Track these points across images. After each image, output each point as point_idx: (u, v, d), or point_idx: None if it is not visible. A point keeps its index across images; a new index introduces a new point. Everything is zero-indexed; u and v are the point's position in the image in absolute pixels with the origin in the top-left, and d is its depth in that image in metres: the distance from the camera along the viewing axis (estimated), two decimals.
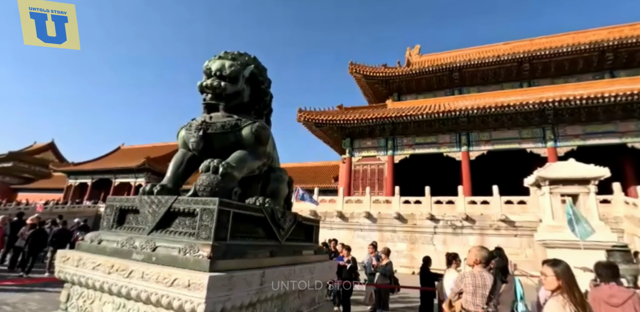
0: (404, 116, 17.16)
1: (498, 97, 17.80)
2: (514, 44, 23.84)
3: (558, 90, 17.09)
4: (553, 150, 16.02)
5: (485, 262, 2.87)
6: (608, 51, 18.33)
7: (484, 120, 17.01)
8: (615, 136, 15.59)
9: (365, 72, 20.92)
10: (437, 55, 25.53)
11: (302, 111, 18.87)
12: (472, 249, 3.03)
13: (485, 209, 14.11)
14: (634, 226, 11.75)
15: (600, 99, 14.51)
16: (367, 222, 15.25)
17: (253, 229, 2.05)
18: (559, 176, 5.76)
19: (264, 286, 1.81)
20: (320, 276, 2.68)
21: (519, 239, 12.81)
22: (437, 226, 14.23)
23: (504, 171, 17.75)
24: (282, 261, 2.13)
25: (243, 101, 2.44)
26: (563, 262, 2.25)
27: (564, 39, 20.86)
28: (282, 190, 2.53)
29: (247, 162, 2.17)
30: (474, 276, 2.77)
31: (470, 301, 2.70)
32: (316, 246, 2.93)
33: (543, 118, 16.32)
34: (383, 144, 19.06)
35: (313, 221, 2.96)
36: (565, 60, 19.21)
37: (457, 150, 17.58)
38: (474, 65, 20.14)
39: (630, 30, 19.95)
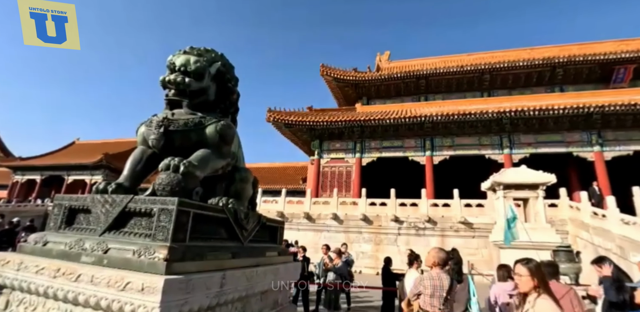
0: (373, 120, 17.56)
1: (461, 105, 18.70)
2: (476, 55, 25.22)
3: (514, 101, 18.28)
4: (509, 157, 17.08)
5: (442, 264, 2.99)
6: (558, 67, 19.92)
7: (447, 126, 17.81)
8: (563, 146, 16.92)
9: (335, 75, 21.17)
10: (405, 62, 26.40)
11: (272, 111, 18.76)
12: (430, 251, 3.15)
13: (447, 211, 14.74)
14: (577, 228, 12.79)
15: (550, 111, 15.70)
16: (334, 224, 15.40)
17: (215, 230, 2.00)
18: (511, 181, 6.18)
19: (224, 288, 1.77)
20: (285, 277, 2.67)
21: (477, 240, 13.50)
22: (401, 228, 14.66)
23: (465, 176, 18.66)
24: (245, 262, 2.10)
25: (208, 99, 2.37)
26: (534, 260, 2.27)
27: (520, 54, 22.38)
28: (246, 190, 2.49)
29: (211, 161, 2.11)
30: (433, 278, 2.88)
31: (428, 302, 2.81)
32: (280, 247, 2.91)
33: (500, 127, 17.36)
34: (351, 146, 19.36)
35: (277, 222, 2.94)
36: (521, 74, 20.61)
37: (421, 154, 18.26)
38: (439, 74, 21.04)
39: (578, 49, 21.89)
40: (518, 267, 2.24)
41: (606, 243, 10.85)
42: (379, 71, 23.42)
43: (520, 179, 6.19)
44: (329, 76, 21.17)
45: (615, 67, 19.30)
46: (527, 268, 2.15)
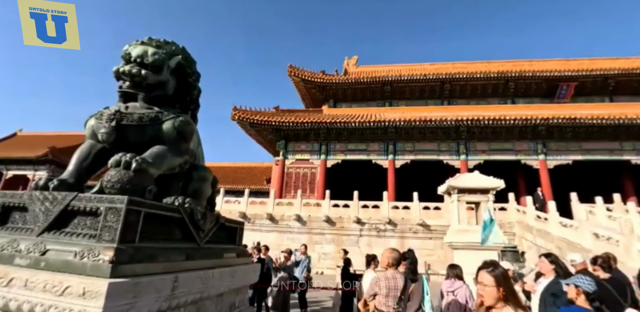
0: (339, 123, 17.81)
1: (423, 112, 19.51)
2: (438, 65, 26.43)
3: (472, 111, 19.40)
4: (465, 162, 18.08)
5: (397, 264, 3.08)
6: (511, 81, 21.46)
7: (410, 132, 18.50)
8: (513, 153, 18.22)
9: (303, 77, 21.22)
10: (372, 67, 27.06)
11: (237, 110, 18.38)
12: (384, 252, 3.24)
13: (406, 213, 15.27)
14: (522, 230, 13.81)
15: (502, 121, 16.84)
16: (297, 225, 15.37)
17: (169, 230, 1.91)
18: (465, 186, 6.57)
19: (176, 291, 1.69)
20: (243, 279, 2.62)
21: (433, 241, 14.10)
22: (362, 229, 14.96)
23: (424, 179, 19.44)
24: (200, 264, 2.02)
25: (166, 93, 2.26)
26: (500, 267, 1.94)
27: (478, 67, 23.82)
28: (205, 190, 2.40)
29: (167, 158, 2.01)
30: (388, 278, 2.95)
31: (383, 302, 2.88)
32: (239, 248, 2.85)
33: (458, 134, 18.34)
34: (317, 148, 19.47)
35: (237, 223, 2.88)
36: (478, 85, 21.94)
37: (384, 158, 18.79)
38: (403, 81, 21.81)
39: (528, 65, 23.73)
40: (482, 275, 1.87)
41: (547, 244, 11.81)
42: (346, 75, 23.82)
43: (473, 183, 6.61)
44: (296, 77, 21.17)
45: (559, 84, 21.14)
46: (492, 276, 1.80)
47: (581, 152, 17.98)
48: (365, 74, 23.25)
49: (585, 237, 10.65)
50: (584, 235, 10.77)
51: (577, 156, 17.90)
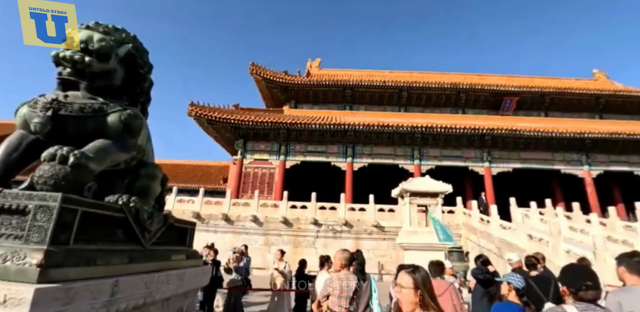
0: (299, 124, 17.82)
1: (381, 118, 20.15)
2: (397, 73, 27.58)
3: (426, 118, 20.41)
4: (418, 167, 18.95)
5: (349, 264, 3.12)
6: (462, 92, 22.96)
7: (368, 136, 19.02)
8: (461, 160, 19.44)
9: (265, 76, 20.95)
10: (334, 71, 27.50)
11: (195, 105, 17.62)
12: (335, 254, 3.28)
13: (362, 215, 15.63)
14: (468, 231, 14.74)
15: (453, 130, 17.92)
16: (254, 226, 15.09)
17: (110, 231, 1.77)
18: (417, 189, 6.90)
19: (116, 297, 1.57)
20: (192, 282, 2.50)
21: (387, 243, 14.56)
22: (319, 230, 15.06)
23: (381, 182, 20.03)
24: (145, 267, 1.90)
25: (113, 83, 2.08)
26: (422, 269, 1.76)
27: (434, 77, 25.18)
28: (153, 188, 2.24)
29: (110, 153, 1.85)
30: (341, 279, 2.99)
31: (336, 302, 2.91)
32: (190, 250, 2.72)
33: (413, 140, 19.20)
34: (276, 148, 19.29)
35: (188, 223, 2.75)
36: (433, 95, 23.18)
37: (343, 160, 19.11)
38: (364, 86, 22.41)
39: (478, 79, 25.60)
40: (400, 275, 1.73)
41: (489, 244, 12.72)
42: (309, 77, 23.93)
43: (424, 187, 6.95)
44: (258, 76, 20.83)
45: (504, 98, 23.02)
46: (411, 278, 1.64)
47: (520, 160, 19.67)
48: (327, 77, 23.52)
49: (521, 238, 11.62)
50: (520, 236, 11.74)
51: (517, 164, 19.56)
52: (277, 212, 15.53)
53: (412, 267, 1.73)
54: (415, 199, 6.91)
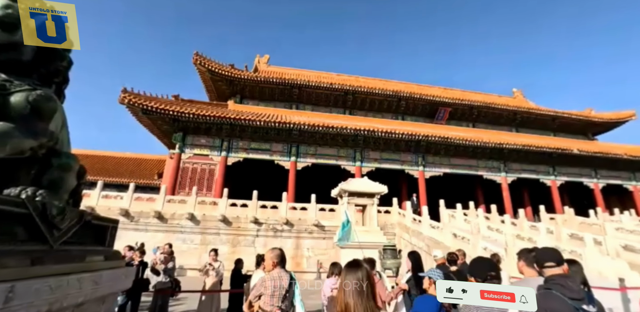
0: (244, 120, 17.32)
1: (326, 119, 20.51)
2: (344, 77, 28.37)
3: (369, 122, 21.27)
4: (359, 169, 19.65)
5: (281, 263, 3.10)
6: (402, 100, 24.38)
7: (313, 136, 19.22)
8: (399, 163, 20.61)
9: (210, 67, 19.98)
10: (283, 69, 27.33)
11: (128, 93, 16.05)
12: (266, 252, 3.25)
13: (303, 214, 15.74)
14: (401, 230, 15.66)
15: (393, 134, 18.92)
16: (190, 225, 14.34)
17: (8, 229, 1.53)
18: (355, 190, 7.14)
19: (12, 304, 1.36)
20: (110, 286, 2.27)
21: (326, 241, 14.83)
22: (259, 229, 14.83)
23: (323, 182, 20.38)
24: (51, 270, 1.68)
25: (21, 58, 1.82)
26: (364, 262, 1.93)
27: (378, 83, 26.40)
28: (67, 181, 1.97)
29: (12, 138, 1.60)
30: (274, 278, 2.95)
31: (268, 302, 2.88)
32: (110, 250, 2.47)
33: (356, 142, 19.86)
34: (218, 144, 18.54)
35: (109, 221, 2.50)
36: (376, 100, 24.26)
37: (287, 159, 19.05)
38: (311, 87, 22.61)
39: (417, 88, 27.41)
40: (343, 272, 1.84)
41: (419, 242, 13.65)
42: (256, 72, 23.45)
43: (362, 188, 7.22)
44: (202, 67, 19.78)
45: (439, 108, 24.96)
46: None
47: (450, 166, 21.47)
48: (275, 75, 23.28)
49: (447, 237, 12.69)
50: (446, 235, 12.81)
51: (447, 169, 21.31)
52: (216, 211, 14.96)
53: (359, 263, 1.83)
54: (353, 199, 7.15)
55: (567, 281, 1.99)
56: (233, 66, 20.94)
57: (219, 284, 6.84)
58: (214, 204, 15.37)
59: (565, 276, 2.07)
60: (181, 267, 13.30)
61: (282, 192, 16.55)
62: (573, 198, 24.48)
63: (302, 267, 14.01)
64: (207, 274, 6.59)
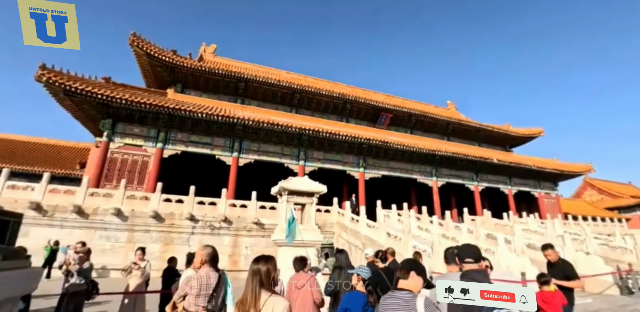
0: (185, 110, 16.30)
1: (272, 116, 20.28)
2: (293, 75, 28.35)
3: (314, 122, 21.51)
4: (302, 167, 19.75)
5: (211, 261, 2.97)
6: (348, 103, 25.12)
7: (257, 132, 18.83)
8: (341, 164, 21.14)
9: (149, 51, 18.39)
10: (230, 61, 26.41)
11: (48, 70, 13.77)
12: (197, 250, 3.11)
13: (243, 212, 15.36)
14: (340, 229, 16.09)
15: (337, 136, 19.35)
16: (116, 221, 13.13)
17: None
18: (294, 188, 7.16)
19: None
20: (10, 289, 1.99)
21: (266, 240, 14.61)
22: (195, 227, 14.13)
23: (266, 180, 20.03)
24: None
25: None
26: (262, 262, 2.18)
27: (325, 85, 26.90)
28: None
29: None
30: (201, 277, 2.80)
31: (192, 302, 2.72)
32: (9, 248, 2.15)
33: (300, 141, 19.92)
34: (154, 134, 17.21)
35: (9, 215, 2.18)
36: (322, 101, 24.65)
37: (228, 155, 18.40)
38: (259, 82, 22.18)
39: (362, 93, 28.48)
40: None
41: (356, 241, 14.16)
42: (201, 62, 22.31)
43: (302, 187, 7.26)
44: (140, 49, 18.12)
45: (381, 113, 26.20)
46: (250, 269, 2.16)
47: (388, 169, 22.63)
48: (222, 66, 22.38)
49: (382, 236, 13.36)
50: (380, 234, 13.48)
51: (386, 171, 22.42)
52: (147, 206, 13.90)
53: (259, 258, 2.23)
54: (292, 198, 7.15)
55: (480, 275, 2.22)
56: (175, 52, 19.59)
57: (144, 285, 6.36)
58: (146, 199, 14.28)
59: (479, 271, 2.31)
60: (104, 267, 12.17)
61: (222, 188, 15.96)
62: (491, 202, 27.42)
63: (239, 266, 13.66)
64: (131, 273, 6.09)
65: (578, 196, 47.55)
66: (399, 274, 2.17)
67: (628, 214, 39.21)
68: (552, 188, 30.06)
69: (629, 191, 45.53)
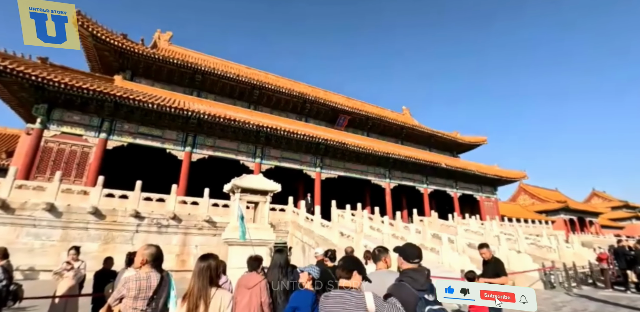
0: (134, 100, 15.17)
1: (230, 111, 19.70)
2: (254, 71, 27.85)
3: (273, 120, 21.27)
4: (259, 165, 19.40)
5: (153, 261, 2.77)
6: (308, 103, 25.22)
7: (213, 127, 18.12)
8: (298, 163, 21.08)
9: (96, 32, 16.79)
10: (187, 51, 25.25)
11: None
12: (139, 248, 2.91)
13: (194, 209, 14.72)
14: (294, 228, 16.05)
15: (296, 135, 19.29)
16: (48, 217, 11.88)
17: None
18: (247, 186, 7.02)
19: None
20: None
21: (217, 238, 14.11)
22: (141, 224, 13.25)
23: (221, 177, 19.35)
24: None
25: None
26: (211, 259, 2.45)
27: (286, 83, 26.77)
28: None
29: None
30: (140, 278, 2.60)
31: (130, 305, 2.51)
32: None
33: (258, 138, 19.56)
34: (97, 123, 15.81)
35: None
36: (282, 99, 24.49)
37: (181, 149, 17.50)
38: (217, 75, 21.43)
39: (323, 93, 28.81)
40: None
41: (310, 240, 14.21)
42: (155, 49, 21.04)
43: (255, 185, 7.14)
44: (85, 30, 16.47)
45: (340, 115, 26.66)
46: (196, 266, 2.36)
47: (344, 169, 23.04)
48: (178, 55, 21.26)
49: (335, 235, 13.56)
50: (334, 233, 13.68)
51: (342, 172, 22.80)
52: (86, 201, 12.77)
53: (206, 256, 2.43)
54: (245, 196, 7.00)
55: (417, 274, 2.37)
56: (126, 36, 18.20)
57: (77, 288, 5.83)
58: (84, 193, 13.12)
59: (416, 270, 2.45)
60: (32, 268, 11.00)
61: (172, 184, 15.16)
62: (439, 204, 29.09)
63: (188, 266, 13.04)
64: (62, 275, 5.55)
65: (514, 200, 52.20)
66: (341, 273, 2.22)
67: (553, 216, 43.73)
68: (492, 192, 32.65)
69: (555, 196, 50.87)
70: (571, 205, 46.06)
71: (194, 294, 2.18)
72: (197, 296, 2.16)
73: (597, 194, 71.48)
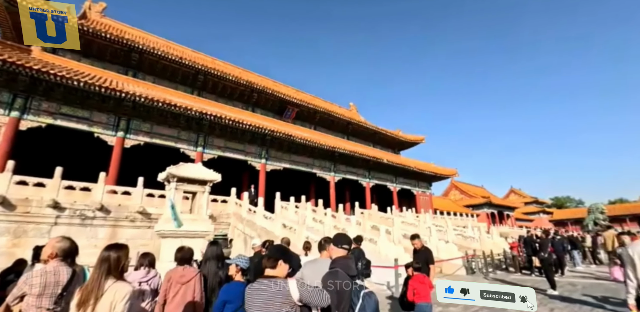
0: (55, 75, 13.28)
1: (170, 95, 18.40)
2: (200, 55, 26.34)
3: (218, 108, 20.35)
4: (200, 155, 18.44)
5: (64, 255, 2.46)
6: (256, 92, 24.58)
7: (150, 111, 16.71)
8: (243, 154, 20.47)
9: None
10: (123, 26, 22.95)
11: None
12: (50, 240, 2.58)
13: (126, 199, 13.56)
14: (236, 220, 15.64)
15: (241, 125, 18.66)
16: None
17: None
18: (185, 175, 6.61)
19: None
20: None
21: (151, 231, 13.16)
22: (60, 216, 11.81)
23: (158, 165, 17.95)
24: None
25: None
26: (113, 249, 2.25)
27: (234, 70, 25.78)
28: None
29: None
30: (46, 273, 2.31)
31: (33, 304, 2.20)
32: None
33: (200, 126, 18.54)
34: (7, 99, 13.58)
35: None
36: (228, 86, 23.54)
37: (112, 134, 15.87)
38: (157, 56, 19.80)
39: (272, 84, 28.28)
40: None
41: (252, 232, 13.95)
42: (83, 20, 18.76)
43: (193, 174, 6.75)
44: None
45: (288, 106, 26.42)
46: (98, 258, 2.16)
47: (290, 162, 22.93)
48: (112, 30, 19.21)
49: (277, 227, 13.50)
50: (276, 225, 13.61)
51: (287, 164, 22.67)
52: None
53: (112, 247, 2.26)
54: (182, 185, 6.59)
55: (348, 261, 2.56)
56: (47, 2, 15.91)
57: None
58: None
59: (347, 258, 2.63)
60: None
61: (102, 172, 13.76)
62: (379, 197, 30.46)
63: None
64: None
65: (446, 195, 56.80)
66: (266, 263, 2.24)
67: (478, 210, 48.45)
68: (427, 187, 35.12)
69: (481, 192, 56.40)
70: (493, 200, 51.43)
71: (87, 287, 2.04)
72: (90, 289, 2.02)
73: (514, 191, 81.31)
